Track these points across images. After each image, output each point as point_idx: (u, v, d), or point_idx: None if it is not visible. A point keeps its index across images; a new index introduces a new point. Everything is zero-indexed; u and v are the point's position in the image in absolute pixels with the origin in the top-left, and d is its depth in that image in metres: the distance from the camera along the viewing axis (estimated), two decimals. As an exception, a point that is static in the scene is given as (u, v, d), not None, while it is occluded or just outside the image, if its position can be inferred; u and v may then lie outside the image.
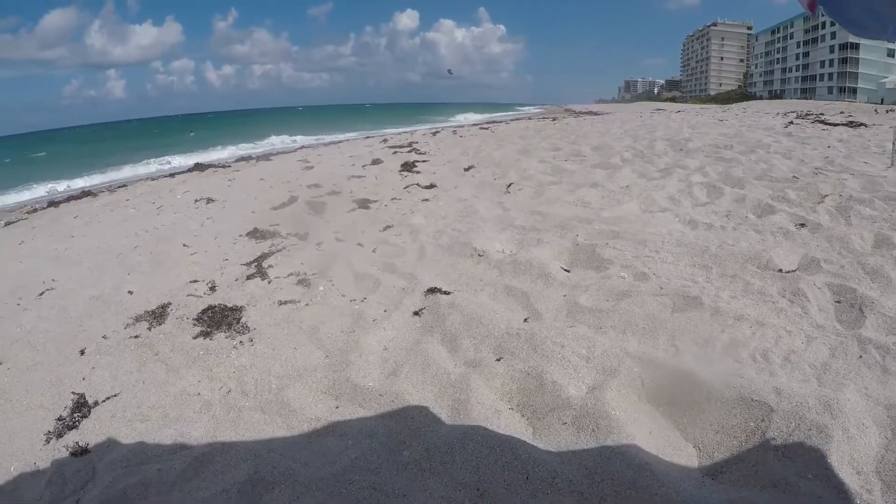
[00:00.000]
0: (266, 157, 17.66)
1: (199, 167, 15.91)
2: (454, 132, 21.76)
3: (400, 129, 33.96)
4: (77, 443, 2.77)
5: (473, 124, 31.60)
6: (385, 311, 3.91)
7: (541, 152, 11.57)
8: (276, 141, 29.21)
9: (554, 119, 28.04)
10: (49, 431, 2.90)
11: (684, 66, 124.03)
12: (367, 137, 26.33)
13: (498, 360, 3.09)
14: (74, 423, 2.94)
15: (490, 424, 2.57)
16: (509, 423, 2.60)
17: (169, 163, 20.67)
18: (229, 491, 2.24)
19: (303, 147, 22.91)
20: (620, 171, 8.38)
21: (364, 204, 7.58)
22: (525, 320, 3.59)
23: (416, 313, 3.81)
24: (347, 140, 25.19)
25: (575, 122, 22.83)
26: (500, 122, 32.43)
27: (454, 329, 3.49)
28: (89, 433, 2.83)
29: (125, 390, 3.17)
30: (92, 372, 3.42)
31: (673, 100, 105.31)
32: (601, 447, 2.32)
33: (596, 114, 35.80)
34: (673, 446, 2.38)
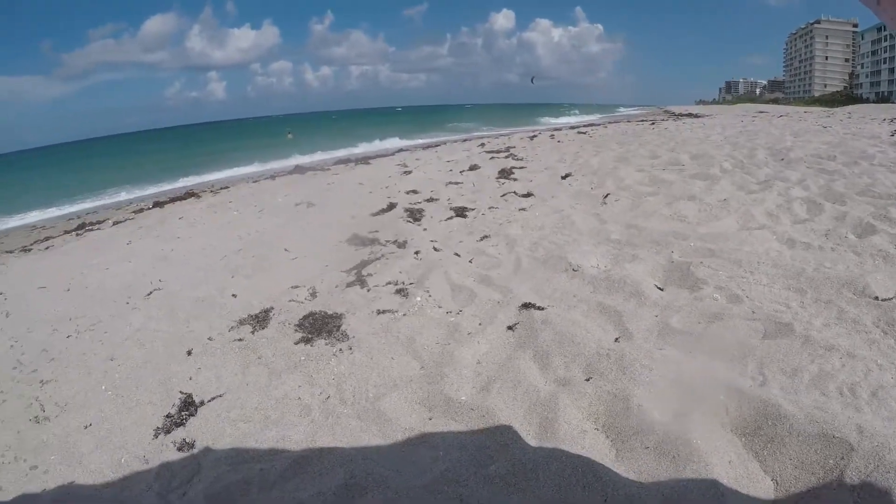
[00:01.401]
0: (365, 160, 18.22)
1: (298, 169, 16.77)
2: (552, 136, 21.68)
3: (498, 132, 34.16)
4: (184, 439, 3.06)
5: (571, 127, 31.17)
6: (480, 324, 4.03)
7: (638, 160, 11.29)
8: (378, 144, 30.27)
9: (653, 123, 27.18)
10: (158, 427, 3.21)
11: (787, 66, 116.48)
12: (465, 140, 26.71)
13: (587, 379, 3.14)
14: (182, 420, 3.24)
15: (575, 444, 2.64)
16: (594, 444, 2.66)
17: (270, 166, 21.90)
18: (325, 493, 2.44)
19: (401, 150, 23.42)
20: (719, 182, 8.06)
21: (461, 212, 7.76)
22: (616, 340, 3.60)
23: (509, 328, 3.90)
24: (445, 143, 25.58)
25: (674, 127, 22.02)
26: (599, 125, 31.91)
27: (546, 346, 3.55)
28: (195, 430, 3.12)
29: (229, 391, 3.47)
30: (198, 372, 3.76)
31: (775, 101, 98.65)
32: (680, 474, 2.35)
33: (696, 116, 34.31)
34: (751, 478, 2.37)
